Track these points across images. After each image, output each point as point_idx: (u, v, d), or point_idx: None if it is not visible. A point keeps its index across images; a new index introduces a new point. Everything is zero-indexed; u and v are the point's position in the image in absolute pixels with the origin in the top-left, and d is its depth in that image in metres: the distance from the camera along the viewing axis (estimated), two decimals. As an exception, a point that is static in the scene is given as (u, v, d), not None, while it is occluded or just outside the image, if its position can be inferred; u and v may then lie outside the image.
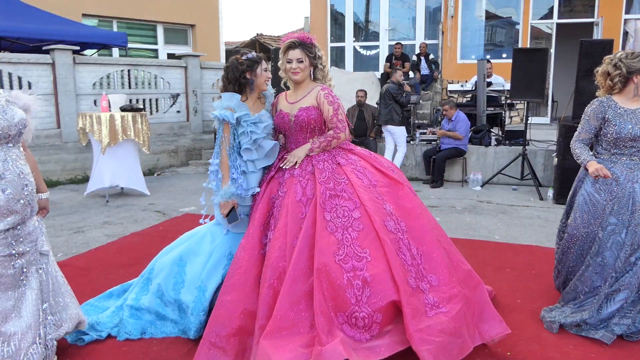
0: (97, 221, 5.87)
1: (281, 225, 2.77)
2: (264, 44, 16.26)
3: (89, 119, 6.66)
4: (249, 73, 2.97)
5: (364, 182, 2.86)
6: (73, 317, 2.80)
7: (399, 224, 2.77)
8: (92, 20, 12.52)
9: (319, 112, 2.95)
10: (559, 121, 7.00)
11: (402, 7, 12.82)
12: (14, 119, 2.40)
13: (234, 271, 2.81)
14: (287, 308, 2.53)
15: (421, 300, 2.60)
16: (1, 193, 2.32)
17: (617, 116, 3.06)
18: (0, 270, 2.36)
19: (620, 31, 10.84)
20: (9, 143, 2.41)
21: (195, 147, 10.32)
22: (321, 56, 3.01)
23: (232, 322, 2.68)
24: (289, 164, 2.94)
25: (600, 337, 2.98)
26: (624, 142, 3.04)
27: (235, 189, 2.95)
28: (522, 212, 6.22)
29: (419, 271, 2.69)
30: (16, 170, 2.40)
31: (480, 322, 2.80)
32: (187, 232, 3.35)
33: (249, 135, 2.93)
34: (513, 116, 11.35)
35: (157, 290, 3.14)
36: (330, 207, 2.73)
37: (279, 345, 2.42)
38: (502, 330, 2.78)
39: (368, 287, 2.54)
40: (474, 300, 2.83)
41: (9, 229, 2.37)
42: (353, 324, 2.52)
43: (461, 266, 2.94)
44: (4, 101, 2.43)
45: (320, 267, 2.55)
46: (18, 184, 2.39)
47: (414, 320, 2.47)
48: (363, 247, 2.63)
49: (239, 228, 3.04)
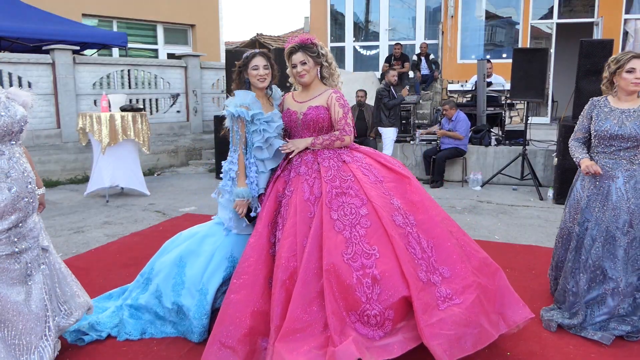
0: (97, 221, 5.87)
1: (290, 225, 2.76)
2: (264, 44, 16.24)
3: (89, 119, 6.66)
4: (245, 72, 2.98)
5: (370, 179, 2.86)
6: (82, 305, 2.85)
7: (407, 218, 2.77)
8: (92, 20, 12.52)
9: (328, 113, 2.96)
10: (559, 121, 7.00)
11: (402, 7, 12.83)
12: (16, 116, 2.42)
13: (242, 270, 2.78)
14: (301, 310, 2.52)
15: (432, 293, 2.59)
16: (7, 191, 2.34)
17: (601, 114, 3.08)
18: (7, 267, 2.38)
19: (620, 31, 10.84)
20: (12, 140, 2.43)
21: (195, 147, 10.32)
22: (325, 54, 2.99)
23: (243, 322, 2.66)
24: (287, 149, 2.94)
25: (599, 339, 2.98)
26: (604, 140, 3.05)
27: (251, 188, 2.94)
28: (522, 212, 6.22)
29: (430, 264, 2.69)
30: (20, 168, 2.43)
31: (503, 308, 2.79)
32: (185, 232, 3.32)
33: (261, 133, 2.91)
34: (513, 116, 11.35)
35: (155, 290, 3.12)
36: (337, 206, 2.72)
37: (293, 348, 2.42)
38: (527, 315, 2.79)
39: (378, 285, 2.54)
40: (493, 288, 2.79)
41: (11, 227, 2.38)
42: (365, 322, 2.52)
43: (476, 255, 2.89)
44: (4, 98, 2.44)
45: (329, 268, 2.54)
46: (23, 182, 2.41)
47: (425, 315, 2.48)
48: (371, 244, 2.63)
49: (246, 229, 3.03)
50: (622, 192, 2.98)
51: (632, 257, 2.99)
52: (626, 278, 2.98)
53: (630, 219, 2.96)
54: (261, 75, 2.95)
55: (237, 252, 3.00)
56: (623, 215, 2.97)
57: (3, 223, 2.35)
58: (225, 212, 3.04)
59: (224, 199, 3.04)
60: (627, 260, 2.98)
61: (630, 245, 2.98)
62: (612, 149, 3.03)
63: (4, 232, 2.35)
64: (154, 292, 3.13)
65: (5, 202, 2.33)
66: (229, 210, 3.00)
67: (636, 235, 2.97)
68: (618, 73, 3.01)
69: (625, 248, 2.97)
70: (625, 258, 2.98)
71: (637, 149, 2.98)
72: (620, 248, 2.97)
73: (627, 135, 2.95)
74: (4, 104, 2.41)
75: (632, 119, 2.97)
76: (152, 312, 3.14)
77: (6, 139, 2.38)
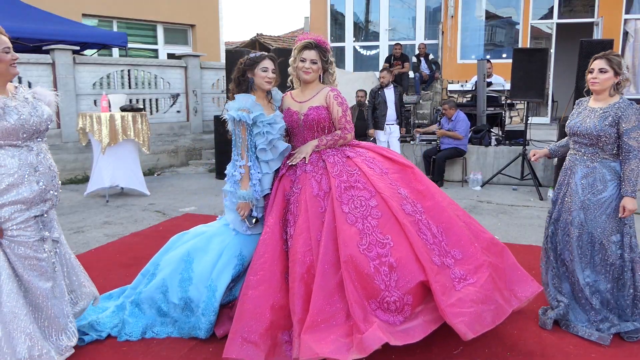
0: (97, 221, 5.87)
1: (302, 221, 2.82)
2: (264, 44, 16.25)
3: (89, 119, 6.66)
4: (250, 72, 2.99)
5: (375, 171, 2.94)
6: (88, 294, 2.99)
7: (415, 206, 2.86)
8: (92, 20, 12.52)
9: (328, 112, 3.01)
10: (559, 121, 7.01)
11: (402, 7, 12.83)
12: (43, 115, 2.61)
13: (258, 267, 2.83)
14: (323, 302, 2.60)
15: (448, 275, 2.68)
16: (36, 184, 2.54)
17: (575, 113, 3.22)
18: (36, 255, 2.57)
19: (620, 31, 10.83)
20: (39, 138, 2.61)
21: (195, 147, 10.32)
22: (332, 62, 3.09)
23: (264, 317, 2.72)
24: (296, 159, 2.98)
25: (597, 340, 2.99)
26: (571, 136, 3.19)
27: (254, 190, 2.97)
28: (522, 212, 6.22)
29: (442, 248, 2.78)
30: (47, 163, 2.63)
31: (512, 285, 2.91)
32: (191, 230, 3.32)
33: (264, 135, 2.94)
34: (513, 116, 11.35)
35: (161, 285, 3.10)
36: (347, 199, 2.79)
37: (320, 338, 2.49)
38: (535, 288, 2.94)
39: (395, 272, 2.62)
40: (502, 266, 2.92)
41: (38, 215, 2.58)
42: (386, 309, 2.59)
43: (482, 235, 3.00)
44: (32, 98, 2.61)
45: (347, 260, 2.62)
46: (49, 176, 2.62)
47: (444, 297, 2.56)
48: (384, 234, 2.70)
49: (255, 229, 3.05)
50: (578, 187, 3.08)
51: (584, 252, 3.08)
52: (582, 275, 3.09)
53: (584, 215, 3.05)
54: (270, 78, 2.99)
55: (246, 250, 3.03)
56: (576, 210, 3.08)
57: (32, 211, 2.55)
58: (233, 214, 3.06)
59: (229, 202, 3.05)
60: (581, 254, 3.09)
61: (580, 239, 3.08)
62: (577, 145, 3.15)
63: (32, 219, 2.55)
64: (159, 287, 3.11)
65: (34, 194, 2.53)
66: (234, 212, 3.02)
67: (589, 230, 3.05)
68: (587, 74, 3.13)
69: (577, 243, 3.08)
70: (579, 252, 3.09)
71: (597, 146, 3.04)
72: (574, 241, 3.09)
73: (584, 131, 3.04)
74: (32, 104, 2.59)
75: (595, 117, 3.04)
76: (155, 307, 3.12)
77: (35, 136, 2.58)
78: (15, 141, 2.49)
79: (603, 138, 2.98)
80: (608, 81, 3.00)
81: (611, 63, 2.99)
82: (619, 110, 2.97)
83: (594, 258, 3.07)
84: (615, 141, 3.00)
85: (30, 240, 2.55)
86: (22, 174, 2.49)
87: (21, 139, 2.51)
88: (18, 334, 2.48)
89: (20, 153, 2.51)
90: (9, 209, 2.47)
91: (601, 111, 3.03)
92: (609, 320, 3.04)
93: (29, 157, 2.54)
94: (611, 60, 2.99)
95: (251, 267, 2.87)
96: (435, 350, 2.87)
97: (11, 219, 2.48)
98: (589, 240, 3.06)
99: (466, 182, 7.94)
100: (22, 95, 2.60)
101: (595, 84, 3.04)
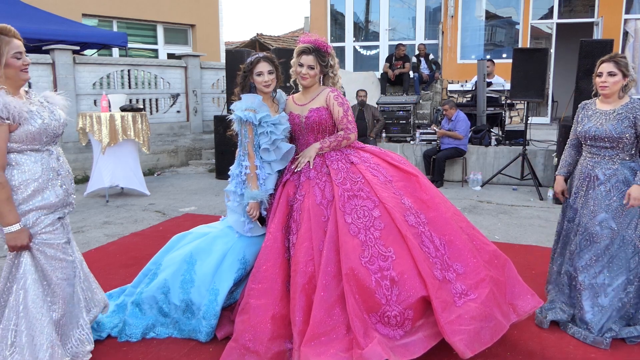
0: (97, 221, 5.87)
1: (305, 230, 2.79)
2: (264, 44, 16.24)
3: (89, 119, 6.66)
4: (250, 76, 2.98)
5: (379, 179, 2.89)
6: (100, 301, 2.97)
7: (419, 217, 2.82)
8: (92, 20, 12.51)
9: (329, 113, 2.98)
10: (559, 121, 7.01)
11: (402, 7, 12.83)
12: (60, 119, 2.61)
13: (261, 276, 2.80)
14: (323, 314, 2.58)
15: (449, 290, 2.66)
16: (59, 188, 2.56)
17: (585, 117, 3.19)
18: (65, 257, 2.57)
19: (620, 31, 10.83)
20: (56, 142, 2.61)
21: (195, 147, 10.32)
22: (334, 65, 3.03)
23: (265, 327, 2.70)
24: (301, 165, 2.95)
25: (591, 343, 2.98)
26: (586, 140, 3.15)
27: (261, 190, 2.96)
28: (522, 212, 6.22)
29: (444, 261, 2.75)
30: (66, 167, 2.66)
31: (513, 299, 2.87)
32: (194, 230, 3.31)
33: (268, 135, 2.92)
34: (513, 116, 11.34)
35: (163, 285, 3.09)
36: (350, 209, 2.75)
37: (320, 352, 2.48)
38: (536, 303, 2.89)
39: (396, 286, 2.60)
40: (503, 280, 2.88)
41: (62, 217, 2.61)
42: (386, 323, 2.58)
43: (485, 248, 2.95)
44: (46, 102, 2.61)
45: (349, 272, 2.59)
46: (69, 179, 2.65)
47: (445, 313, 2.55)
48: (387, 246, 2.67)
49: (257, 231, 3.04)
50: (602, 190, 3.05)
51: (616, 256, 3.02)
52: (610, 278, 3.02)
53: (612, 217, 3.02)
54: (266, 82, 2.95)
55: (250, 254, 3.01)
56: (601, 213, 3.04)
57: (57, 213, 2.57)
58: (236, 215, 3.04)
59: (231, 203, 3.04)
60: (611, 259, 3.02)
61: (612, 243, 3.02)
62: (594, 149, 3.12)
63: (57, 221, 2.56)
64: (161, 287, 3.09)
65: (59, 197, 2.55)
66: (240, 214, 3.01)
67: (620, 234, 3.01)
68: (594, 77, 3.13)
69: (607, 245, 3.03)
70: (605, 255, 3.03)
71: (618, 148, 3.03)
72: (597, 244, 3.05)
73: (603, 135, 3.03)
74: (49, 108, 2.58)
75: (610, 119, 3.04)
76: (156, 307, 3.11)
77: (54, 140, 2.59)
78: (37, 145, 2.48)
79: (624, 139, 2.99)
80: (617, 84, 3.01)
81: (619, 65, 3.00)
82: (634, 110, 2.99)
83: (629, 262, 3.01)
84: (634, 141, 3.01)
85: (58, 242, 2.55)
86: (46, 179, 2.50)
87: (43, 143, 2.51)
88: (41, 341, 2.47)
89: (42, 157, 2.51)
90: (35, 214, 2.47)
91: (615, 113, 3.04)
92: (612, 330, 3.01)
93: (50, 162, 2.54)
94: (619, 62, 3.01)
95: (253, 273, 2.86)
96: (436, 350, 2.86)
97: (38, 222, 2.48)
98: (620, 244, 3.01)
99: (466, 182, 7.93)
100: (37, 100, 2.58)
101: (605, 87, 3.04)
